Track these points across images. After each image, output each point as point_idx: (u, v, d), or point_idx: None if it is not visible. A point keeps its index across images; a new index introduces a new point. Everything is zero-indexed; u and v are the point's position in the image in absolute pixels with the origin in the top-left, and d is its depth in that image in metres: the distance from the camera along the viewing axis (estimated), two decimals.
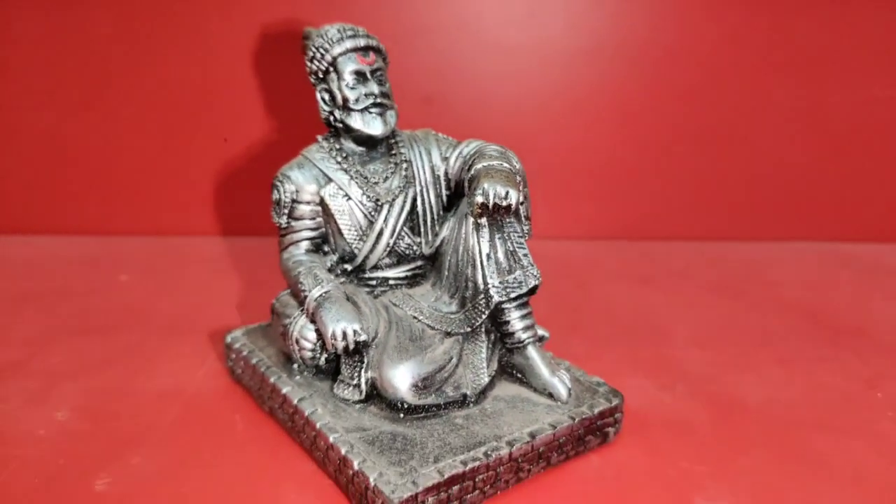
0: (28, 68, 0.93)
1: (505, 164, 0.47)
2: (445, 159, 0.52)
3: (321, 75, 0.50)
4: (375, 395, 0.47)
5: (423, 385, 0.46)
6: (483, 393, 0.48)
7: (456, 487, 0.41)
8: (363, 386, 0.47)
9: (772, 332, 0.69)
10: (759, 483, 0.46)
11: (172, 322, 0.70)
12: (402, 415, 0.46)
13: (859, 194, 0.96)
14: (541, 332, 0.52)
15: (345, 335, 0.46)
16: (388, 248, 0.51)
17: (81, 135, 0.95)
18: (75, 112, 0.94)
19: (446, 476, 0.40)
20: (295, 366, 0.51)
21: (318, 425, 0.45)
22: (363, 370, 0.47)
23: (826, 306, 0.76)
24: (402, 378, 0.46)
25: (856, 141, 0.94)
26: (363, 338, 0.46)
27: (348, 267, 0.52)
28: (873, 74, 0.92)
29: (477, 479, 0.42)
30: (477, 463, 0.42)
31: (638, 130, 0.94)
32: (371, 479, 0.40)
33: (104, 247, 0.94)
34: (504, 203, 0.44)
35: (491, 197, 0.44)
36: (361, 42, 0.49)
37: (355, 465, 0.41)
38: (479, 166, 0.47)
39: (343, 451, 0.42)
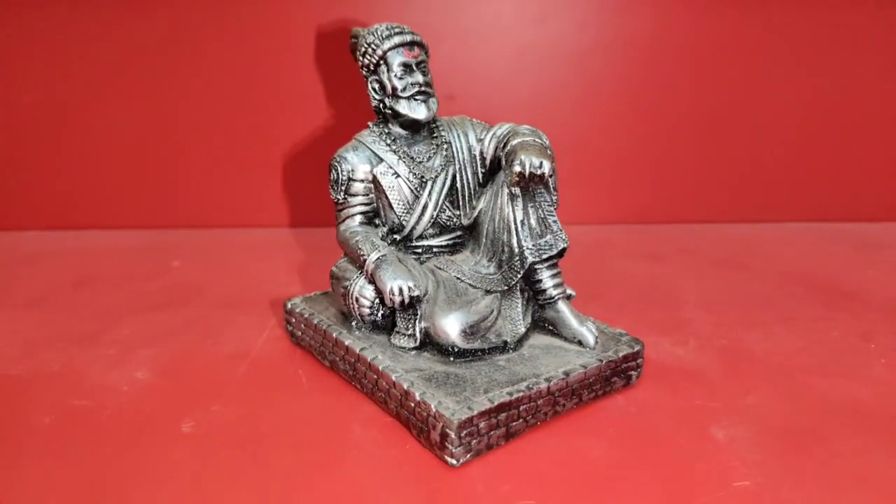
0: (79, 66, 1.00)
1: (538, 140, 0.54)
2: (480, 140, 0.59)
3: (373, 68, 0.57)
4: (428, 343, 0.54)
5: (471, 331, 0.53)
6: (520, 341, 0.55)
7: (503, 414, 0.48)
8: (418, 335, 0.54)
9: (772, 297, 0.76)
10: (766, 416, 0.53)
11: (228, 299, 0.77)
12: (452, 358, 0.53)
13: (851, 177, 1.03)
14: (569, 290, 0.58)
15: (401, 291, 0.53)
16: (432, 220, 0.58)
17: (120, 131, 1.02)
18: (117, 112, 1.01)
19: (496, 403, 0.47)
20: (353, 323, 0.58)
21: (380, 368, 0.52)
22: (417, 321, 0.54)
23: (822, 275, 0.83)
24: (452, 325, 0.52)
25: (848, 127, 1.01)
26: (417, 293, 0.53)
27: (397, 237, 0.59)
28: (863, 64, 0.99)
29: (521, 409, 0.49)
30: (520, 394, 0.48)
31: (645, 122, 1.01)
32: (433, 406, 0.46)
33: (150, 239, 1.01)
34: (539, 172, 0.51)
35: (527, 167, 0.51)
36: (408, 38, 0.57)
37: (417, 397, 0.48)
38: (514, 142, 0.54)
39: (405, 386, 0.49)
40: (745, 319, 0.70)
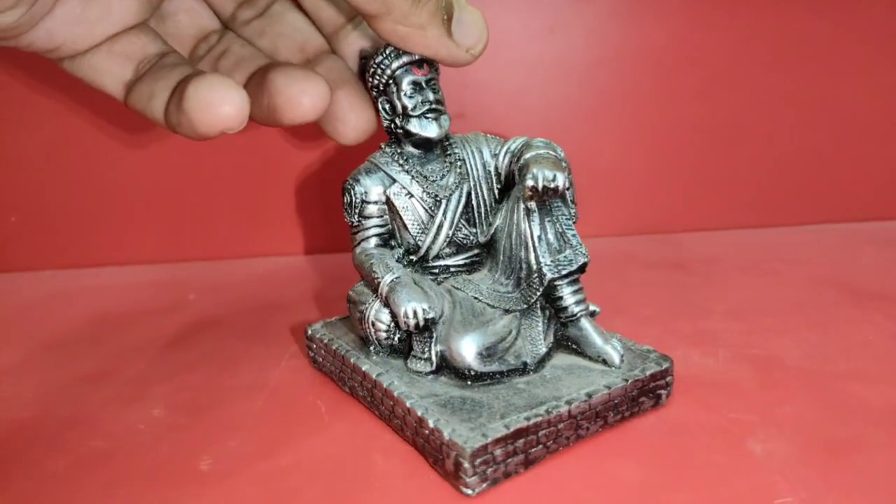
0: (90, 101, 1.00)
1: (551, 153, 0.53)
2: (495, 156, 0.58)
3: (382, 88, 0.56)
4: (444, 367, 0.52)
5: (488, 353, 0.51)
6: (541, 362, 0.53)
7: (521, 441, 0.45)
8: (433, 358, 0.52)
9: (801, 302, 0.73)
10: (805, 426, 0.50)
11: (245, 329, 0.76)
12: (469, 382, 0.51)
13: (872, 175, 1.00)
14: (592, 307, 0.57)
15: (415, 313, 0.51)
16: (448, 239, 0.57)
17: (131, 166, 1.02)
18: (128, 146, 1.02)
19: (512, 429, 0.45)
20: (371, 347, 0.56)
21: (395, 394, 0.50)
22: (433, 344, 0.52)
23: (849, 277, 0.80)
24: (468, 347, 0.51)
25: (862, 125, 0.99)
26: (431, 315, 0.51)
27: (413, 258, 0.57)
28: (879, 61, 0.96)
29: (540, 434, 0.46)
30: (539, 419, 0.46)
31: (659, 131, 0.99)
32: (445, 434, 0.45)
33: (166, 273, 1.00)
34: (552, 185, 0.49)
35: (540, 180, 0.49)
36: (416, 56, 0.56)
37: (430, 424, 0.46)
38: (527, 155, 0.53)
39: (419, 413, 0.47)
40: (776, 326, 0.68)
